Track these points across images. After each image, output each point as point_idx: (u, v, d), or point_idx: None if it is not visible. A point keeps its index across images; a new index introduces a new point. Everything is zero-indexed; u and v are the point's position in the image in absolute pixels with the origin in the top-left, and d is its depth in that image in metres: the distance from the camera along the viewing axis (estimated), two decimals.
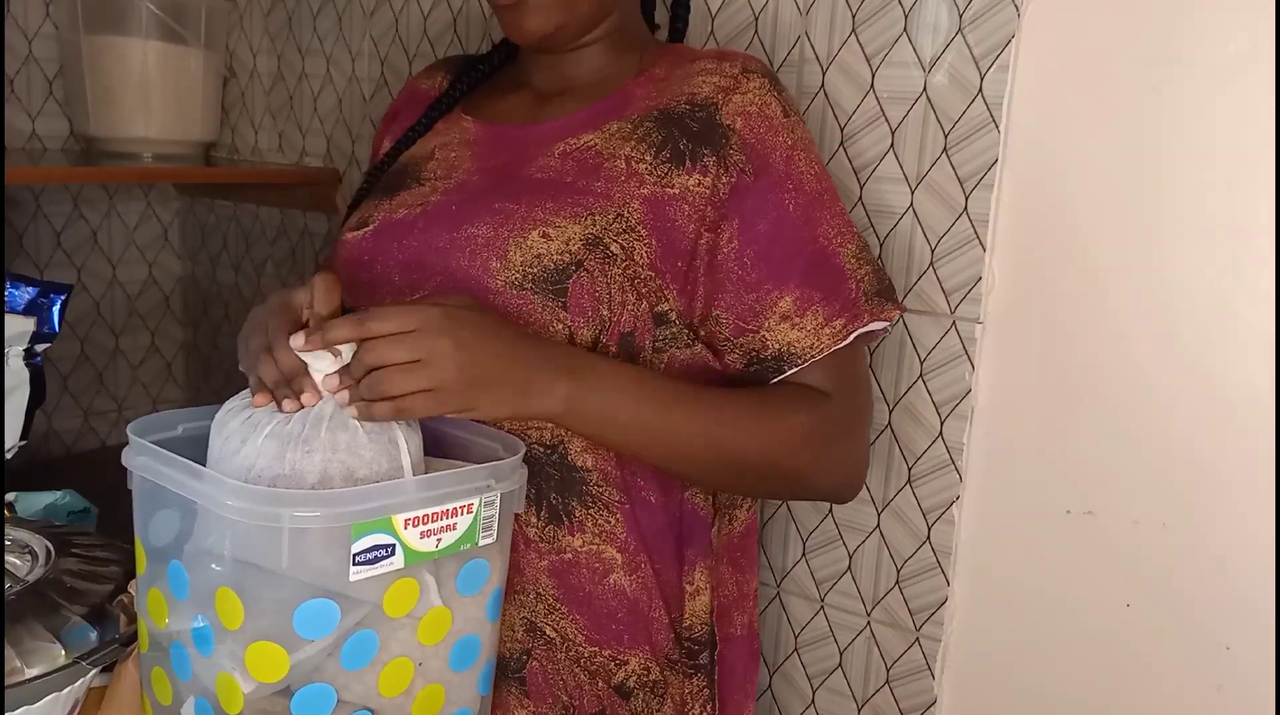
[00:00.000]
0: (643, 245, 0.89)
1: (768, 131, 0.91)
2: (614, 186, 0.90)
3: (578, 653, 0.91)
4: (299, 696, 0.74)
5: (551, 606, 0.90)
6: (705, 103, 0.91)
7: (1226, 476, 0.94)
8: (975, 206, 1.02)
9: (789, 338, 0.90)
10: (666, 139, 0.91)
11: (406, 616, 0.77)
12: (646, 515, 0.92)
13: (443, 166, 1.00)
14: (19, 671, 0.80)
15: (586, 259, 0.87)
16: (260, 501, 0.71)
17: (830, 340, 0.90)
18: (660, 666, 0.93)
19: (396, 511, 0.74)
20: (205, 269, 1.82)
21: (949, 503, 1.07)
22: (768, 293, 0.90)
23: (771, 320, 0.90)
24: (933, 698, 1.10)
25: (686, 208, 0.89)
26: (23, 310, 1.07)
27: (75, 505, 1.19)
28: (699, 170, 0.89)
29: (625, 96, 0.96)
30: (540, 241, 0.88)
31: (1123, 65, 0.95)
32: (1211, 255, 0.93)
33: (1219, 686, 0.95)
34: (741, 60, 0.93)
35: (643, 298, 0.89)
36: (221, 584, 0.73)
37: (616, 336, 0.88)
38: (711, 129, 0.90)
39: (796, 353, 0.90)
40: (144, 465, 0.77)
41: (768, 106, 0.91)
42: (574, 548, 0.90)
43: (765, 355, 0.91)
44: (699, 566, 0.94)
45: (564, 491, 0.89)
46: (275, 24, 1.63)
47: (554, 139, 0.95)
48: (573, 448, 0.89)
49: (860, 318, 0.91)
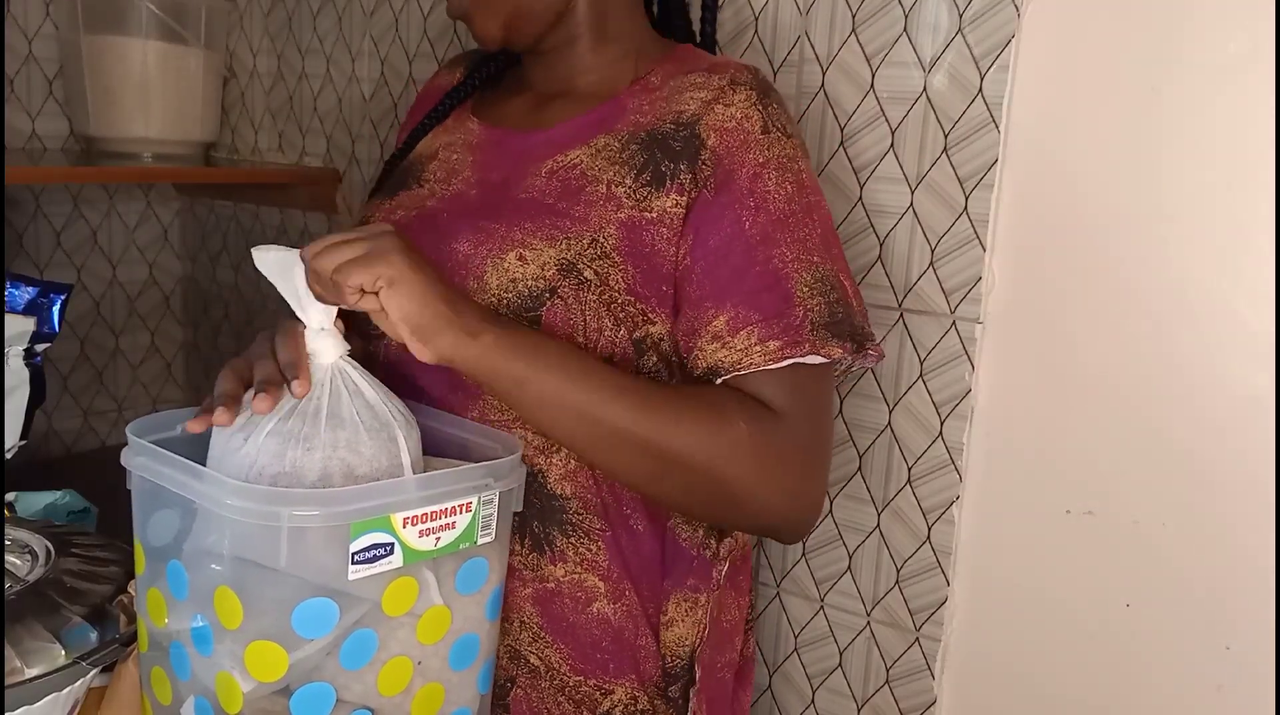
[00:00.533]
0: (618, 271, 0.86)
1: (740, 146, 0.87)
2: (591, 210, 0.88)
3: (562, 681, 0.90)
4: (298, 696, 0.74)
5: (536, 635, 0.90)
6: (690, 120, 0.88)
7: (1226, 476, 0.94)
8: (975, 206, 1.02)
9: (717, 356, 0.85)
10: (649, 161, 0.88)
11: (406, 615, 0.77)
12: (632, 543, 0.90)
13: (444, 169, 0.99)
14: (19, 671, 0.80)
15: (560, 285, 0.86)
16: (259, 500, 0.71)
17: (761, 358, 0.84)
18: (649, 695, 0.91)
19: (395, 510, 0.74)
20: (205, 269, 1.82)
21: (949, 503, 1.07)
22: (705, 310, 0.86)
23: (704, 339, 0.86)
24: (932, 698, 1.10)
25: (665, 230, 0.87)
26: (23, 310, 1.07)
27: (75, 505, 1.19)
28: (675, 189, 0.87)
29: (618, 106, 0.94)
30: (516, 264, 0.87)
31: (1123, 65, 0.95)
32: (1211, 255, 0.93)
33: (1219, 686, 0.95)
34: (732, 71, 0.90)
35: (620, 324, 0.87)
36: (221, 583, 0.73)
37: None
38: (691, 145, 0.87)
39: (723, 367, 0.85)
40: (143, 465, 0.78)
41: (748, 119, 0.87)
42: (556, 577, 0.89)
43: (696, 373, 0.87)
44: (673, 596, 0.91)
45: (544, 520, 0.89)
46: (275, 24, 1.63)
47: (545, 154, 0.94)
48: (551, 476, 0.88)
49: (800, 346, 0.84)
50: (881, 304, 1.08)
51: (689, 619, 0.91)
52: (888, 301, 1.08)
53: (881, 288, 1.08)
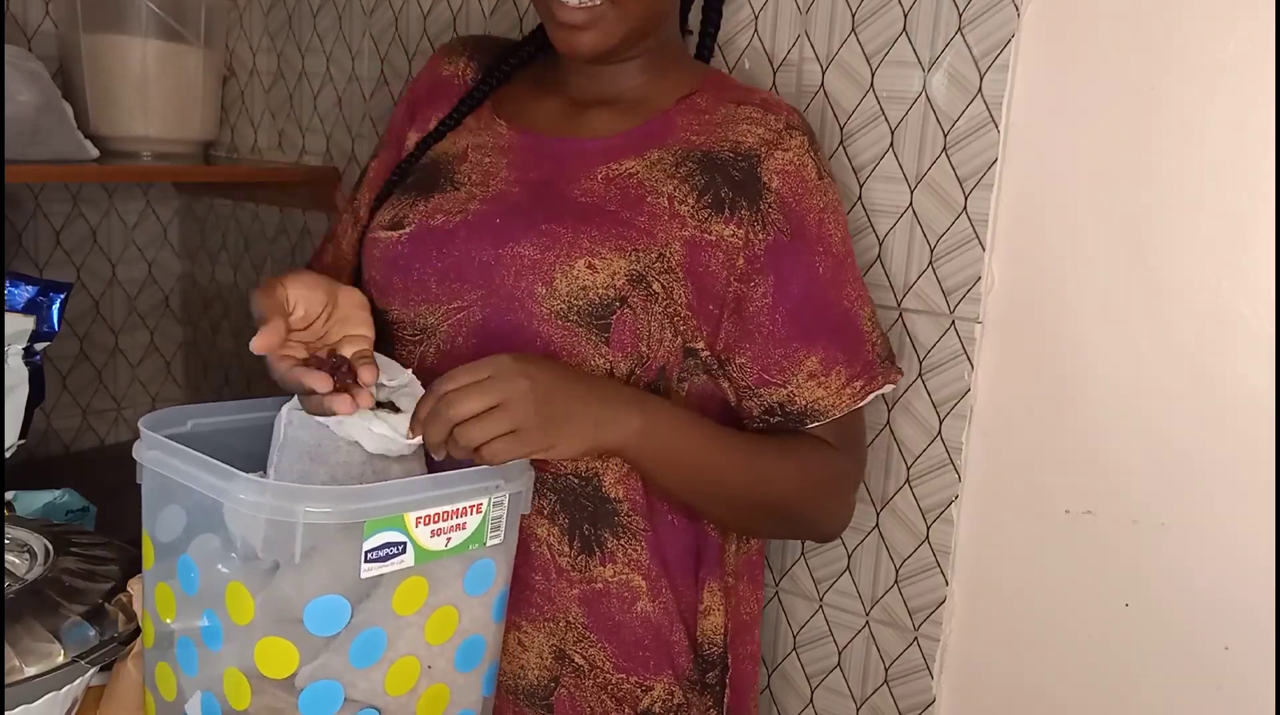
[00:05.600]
0: (680, 287, 0.90)
1: (804, 193, 0.92)
2: (657, 224, 0.90)
3: (605, 680, 0.92)
4: (307, 693, 0.75)
5: (581, 635, 0.91)
6: (749, 153, 0.92)
7: (1225, 476, 0.94)
8: (975, 206, 1.02)
9: (816, 395, 0.94)
10: (709, 184, 0.91)
11: (415, 615, 0.77)
12: (671, 538, 0.94)
13: (478, 171, 0.98)
14: (18, 670, 0.79)
15: (630, 295, 0.88)
16: (274, 497, 0.72)
17: (850, 400, 0.95)
18: (683, 689, 0.94)
19: (409, 509, 0.74)
20: (204, 268, 1.82)
21: (948, 502, 1.07)
22: (795, 351, 0.92)
23: (799, 377, 0.93)
24: (931, 697, 1.10)
25: (721, 255, 0.91)
26: (22, 309, 1.07)
27: (74, 504, 1.19)
28: (735, 221, 0.91)
29: (667, 123, 0.95)
30: (586, 272, 0.88)
31: (1122, 65, 0.95)
32: (1211, 255, 0.93)
33: (1219, 687, 0.95)
34: (786, 114, 0.94)
35: (678, 335, 0.91)
36: (232, 579, 0.73)
37: (653, 371, 0.90)
38: (752, 182, 0.91)
39: (820, 410, 0.94)
40: (156, 459, 0.78)
41: (805, 168, 0.92)
42: (604, 578, 0.91)
43: (791, 409, 0.94)
44: (709, 585, 0.95)
45: (596, 523, 0.91)
46: (275, 22, 1.63)
47: (595, 160, 0.94)
48: (607, 479, 0.90)
49: (876, 380, 0.96)
50: (881, 303, 1.08)
51: (723, 607, 0.96)
52: (887, 301, 1.08)
53: (881, 287, 1.08)
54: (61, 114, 1.39)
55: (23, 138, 1.33)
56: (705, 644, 0.95)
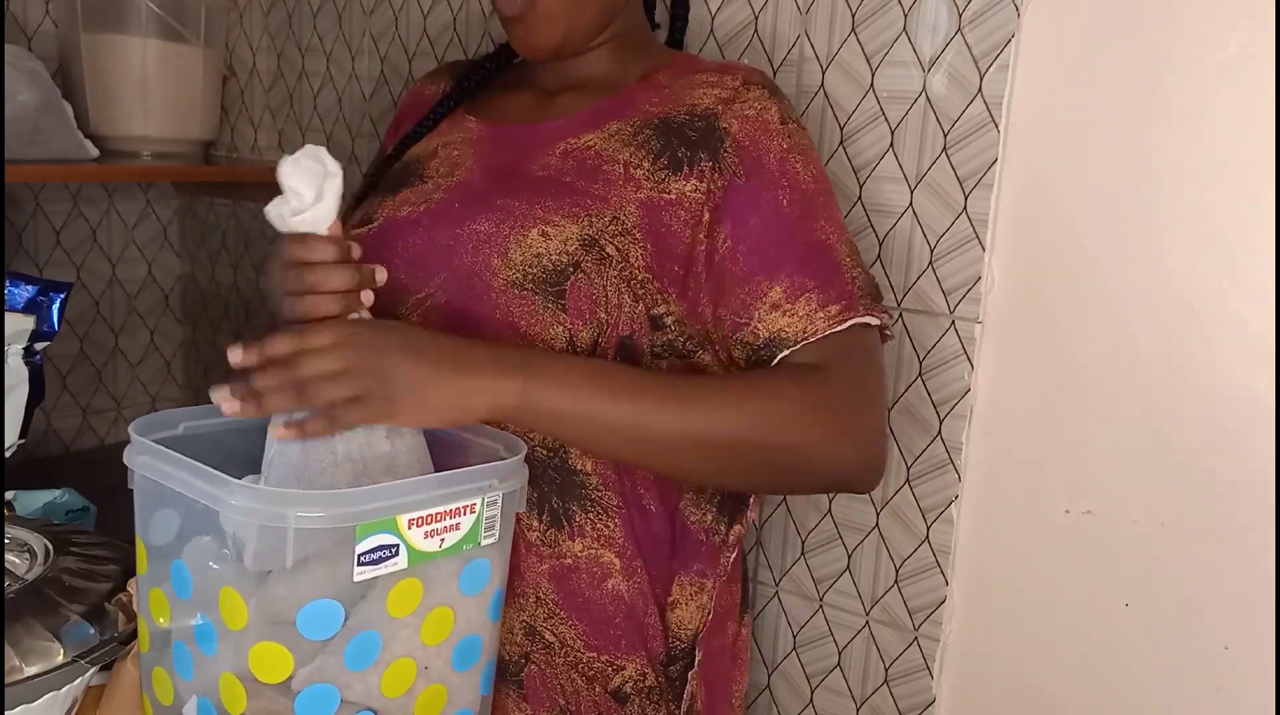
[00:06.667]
0: (638, 248, 0.89)
1: (763, 135, 0.91)
2: (611, 189, 0.91)
3: (576, 657, 0.91)
4: (303, 696, 0.74)
5: (551, 611, 0.91)
6: (705, 113, 0.92)
7: (1225, 476, 0.94)
8: (975, 206, 1.02)
9: (779, 324, 0.88)
10: (665, 147, 0.91)
11: (410, 616, 0.77)
12: (644, 522, 0.92)
13: (445, 164, 1.00)
14: (18, 670, 0.80)
15: (583, 260, 0.88)
16: (265, 501, 0.71)
17: (825, 324, 0.87)
18: (655, 673, 0.93)
19: (400, 511, 0.74)
20: (204, 268, 1.82)
21: (948, 502, 1.07)
22: (758, 283, 0.88)
23: (761, 310, 0.88)
24: (931, 697, 1.10)
25: (682, 213, 0.90)
26: (22, 308, 1.07)
27: (74, 504, 1.19)
28: (695, 175, 0.90)
29: (628, 98, 0.97)
30: (540, 240, 0.88)
31: (1122, 64, 0.95)
32: (1211, 255, 0.93)
33: (1218, 686, 0.95)
34: (743, 73, 0.94)
35: (639, 300, 0.89)
36: (225, 583, 0.73)
37: (615, 340, 0.89)
38: (711, 133, 0.90)
39: (787, 337, 0.88)
40: (146, 464, 0.77)
41: (766, 112, 0.91)
42: (574, 552, 0.90)
43: (757, 344, 0.89)
44: (678, 578, 0.94)
45: (564, 495, 0.90)
46: (275, 22, 1.63)
47: (556, 138, 0.96)
48: (571, 451, 0.89)
49: (856, 308, 0.88)
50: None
51: (693, 603, 0.93)
52: (887, 301, 1.08)
53: (881, 287, 1.08)
54: (61, 114, 1.39)
55: (23, 137, 1.33)
56: (671, 637, 0.94)
